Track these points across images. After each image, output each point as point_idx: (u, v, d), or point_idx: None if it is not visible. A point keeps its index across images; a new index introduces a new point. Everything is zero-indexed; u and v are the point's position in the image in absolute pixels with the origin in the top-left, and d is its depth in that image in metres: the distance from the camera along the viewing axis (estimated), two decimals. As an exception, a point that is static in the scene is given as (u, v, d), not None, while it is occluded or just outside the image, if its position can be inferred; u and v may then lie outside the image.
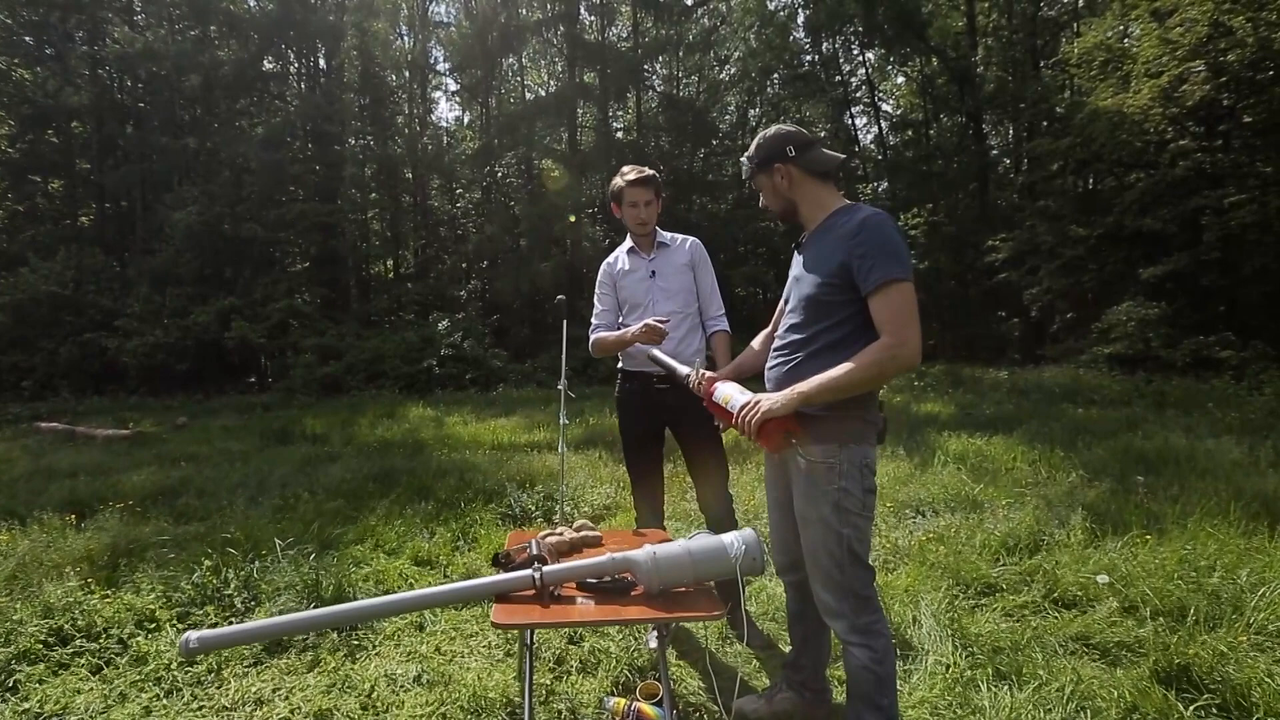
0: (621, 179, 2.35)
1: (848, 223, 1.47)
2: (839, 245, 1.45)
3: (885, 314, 1.39)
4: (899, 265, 1.39)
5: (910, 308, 1.38)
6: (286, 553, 2.73)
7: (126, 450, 6.63)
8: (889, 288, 1.38)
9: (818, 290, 1.49)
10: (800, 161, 1.56)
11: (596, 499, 3.81)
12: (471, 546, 3.17)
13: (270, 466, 4.96)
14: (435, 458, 5.21)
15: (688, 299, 2.37)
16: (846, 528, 1.46)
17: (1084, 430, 5.24)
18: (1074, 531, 2.82)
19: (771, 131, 1.61)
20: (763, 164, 1.59)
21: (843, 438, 1.47)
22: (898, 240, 1.42)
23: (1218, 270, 9.88)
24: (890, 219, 1.46)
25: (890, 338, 1.38)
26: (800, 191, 1.58)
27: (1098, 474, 3.89)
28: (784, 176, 1.57)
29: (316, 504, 3.70)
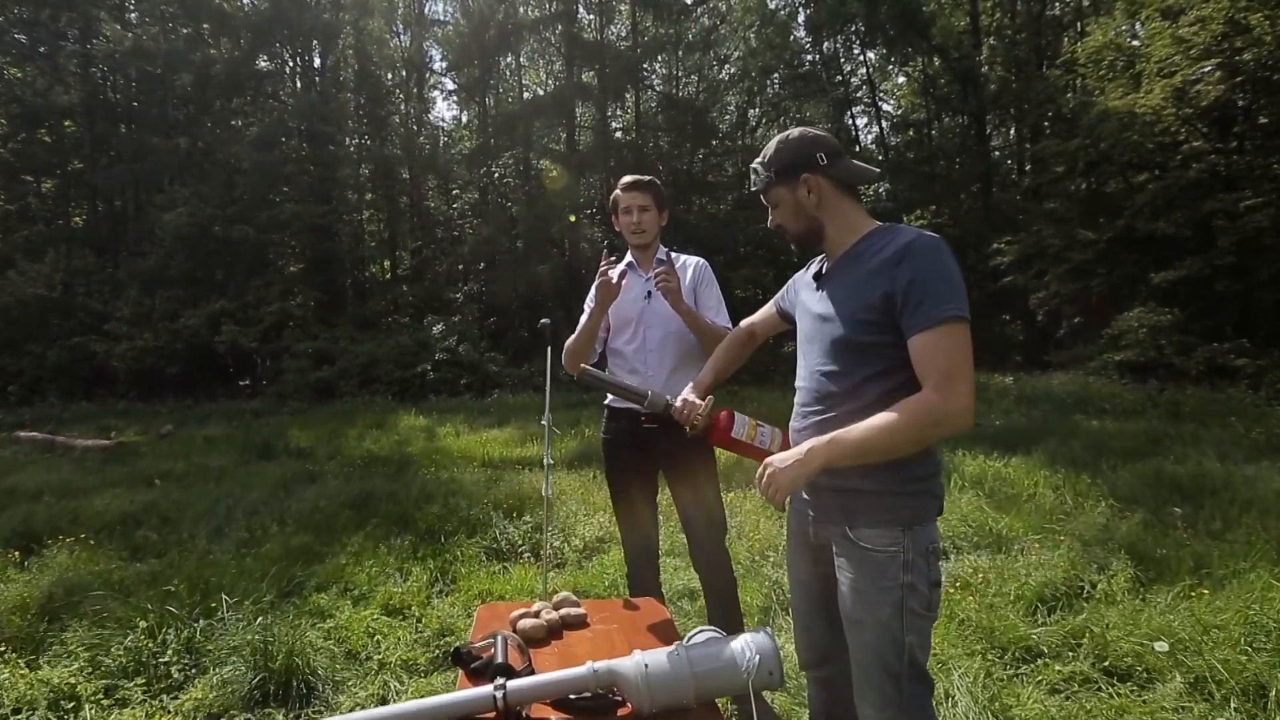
0: (618, 185, 2.11)
1: (888, 246, 1.18)
2: (879, 274, 1.17)
3: (933, 360, 1.11)
4: (954, 300, 1.11)
5: (965, 355, 1.11)
6: (241, 605, 2.44)
7: (101, 465, 6.35)
8: (941, 328, 1.10)
9: (853, 331, 1.20)
10: (832, 172, 1.27)
11: (589, 530, 3.53)
12: (450, 590, 2.89)
13: (244, 488, 4.68)
14: (420, 478, 4.92)
15: (685, 325, 2.09)
16: (911, 634, 1.17)
17: (1105, 449, 4.96)
18: (1116, 579, 2.54)
19: (796, 135, 1.31)
20: (785, 174, 1.29)
21: (907, 518, 1.18)
22: (953, 270, 1.14)
23: (1232, 275, 9.60)
24: (943, 244, 1.17)
25: (937, 392, 1.09)
26: (830, 209, 1.29)
27: (1128, 503, 3.62)
28: (812, 190, 1.27)
29: (284, 538, 3.41)
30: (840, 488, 1.25)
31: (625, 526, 2.15)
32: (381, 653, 2.29)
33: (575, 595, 2.81)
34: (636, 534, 2.12)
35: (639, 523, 2.10)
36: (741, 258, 17.46)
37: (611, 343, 2.14)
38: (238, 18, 16.81)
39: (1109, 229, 11.06)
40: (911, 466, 1.19)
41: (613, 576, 2.93)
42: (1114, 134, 10.62)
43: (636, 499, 2.10)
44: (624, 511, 2.13)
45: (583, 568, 3.15)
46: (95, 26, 16.37)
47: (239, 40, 16.92)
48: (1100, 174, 11.85)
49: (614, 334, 2.13)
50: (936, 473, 1.23)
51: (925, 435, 1.13)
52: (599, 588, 2.86)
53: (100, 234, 17.08)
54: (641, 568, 2.13)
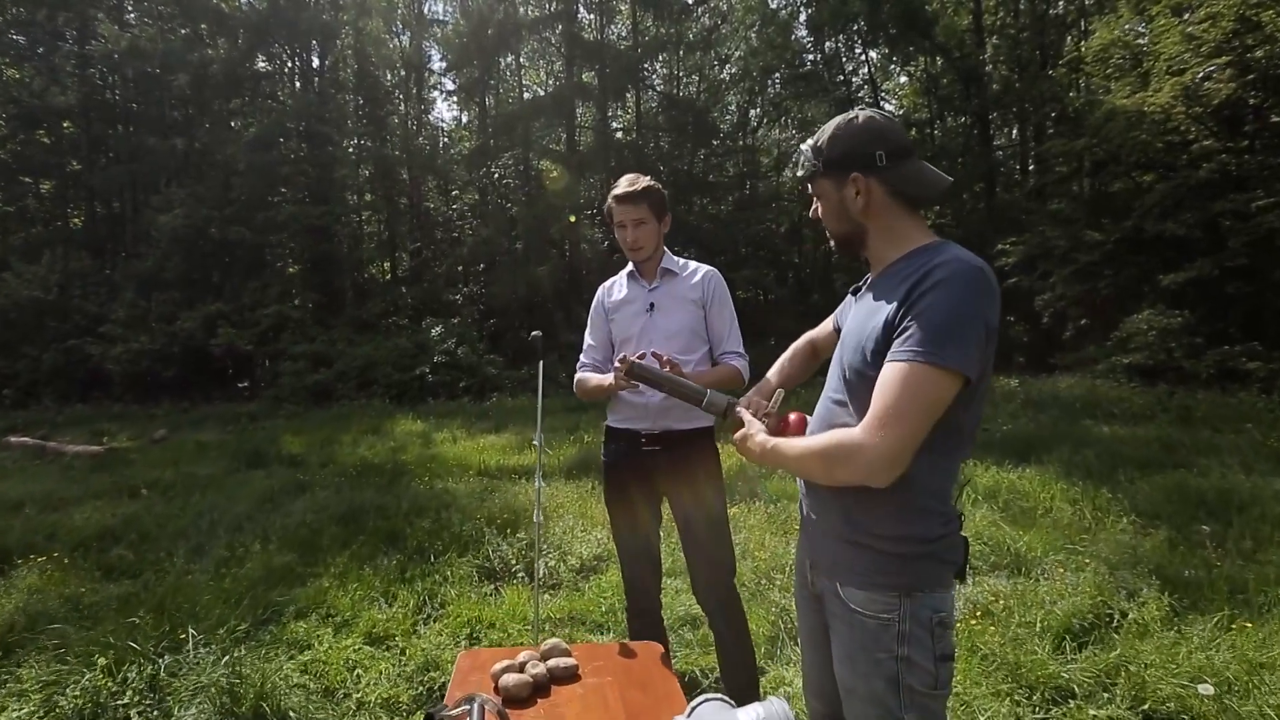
0: (611, 194, 1.93)
1: (921, 269, 1.01)
2: (897, 297, 1.01)
3: (878, 396, 0.96)
4: (940, 344, 0.93)
5: (914, 404, 0.93)
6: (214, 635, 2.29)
7: (89, 473, 6.21)
8: (906, 365, 0.94)
9: (861, 360, 1.04)
10: (890, 177, 1.08)
11: (586, 548, 3.37)
12: (438, 615, 2.73)
13: (231, 500, 4.52)
14: (412, 489, 4.77)
15: (691, 341, 1.92)
16: (911, 712, 1.01)
17: (1120, 458, 4.80)
18: (1147, 607, 2.38)
19: (861, 122, 1.08)
20: (834, 167, 1.10)
21: (905, 582, 1.02)
22: (971, 311, 0.96)
23: (1243, 277, 9.43)
24: (980, 278, 0.98)
25: (861, 430, 0.96)
26: (877, 218, 1.10)
27: (1150, 519, 3.45)
28: (860, 192, 1.09)
29: (266, 557, 3.26)
30: (828, 534, 1.11)
31: (625, 557, 1.99)
32: (361, 689, 2.13)
33: (572, 620, 2.66)
34: (636, 566, 1.96)
35: (640, 554, 1.95)
36: (742, 258, 17.33)
37: (614, 360, 1.99)
38: (235, 17, 16.67)
39: (1116, 230, 10.88)
40: (912, 523, 1.02)
41: (610, 601, 2.78)
42: (1121, 133, 10.45)
43: (638, 527, 1.93)
44: (624, 540, 1.97)
45: (579, 590, 2.99)
46: (92, 27, 16.25)
47: (236, 40, 16.79)
48: (1107, 174, 11.68)
49: (616, 351, 1.98)
50: (948, 534, 1.05)
51: (830, 472, 1.01)
52: (596, 613, 2.70)
53: (98, 235, 16.98)
54: (641, 603, 1.97)
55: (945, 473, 1.05)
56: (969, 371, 0.95)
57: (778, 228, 19.13)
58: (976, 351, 0.96)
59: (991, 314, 0.98)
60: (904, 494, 1.01)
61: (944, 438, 0.99)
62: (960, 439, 1.03)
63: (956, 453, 1.04)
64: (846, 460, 0.97)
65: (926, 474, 1.01)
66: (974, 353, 0.95)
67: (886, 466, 0.94)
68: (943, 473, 1.04)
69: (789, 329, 15.99)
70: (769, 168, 20.51)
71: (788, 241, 19.19)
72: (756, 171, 20.12)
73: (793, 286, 18.48)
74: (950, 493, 1.07)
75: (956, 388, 0.95)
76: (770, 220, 19.02)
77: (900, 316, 0.98)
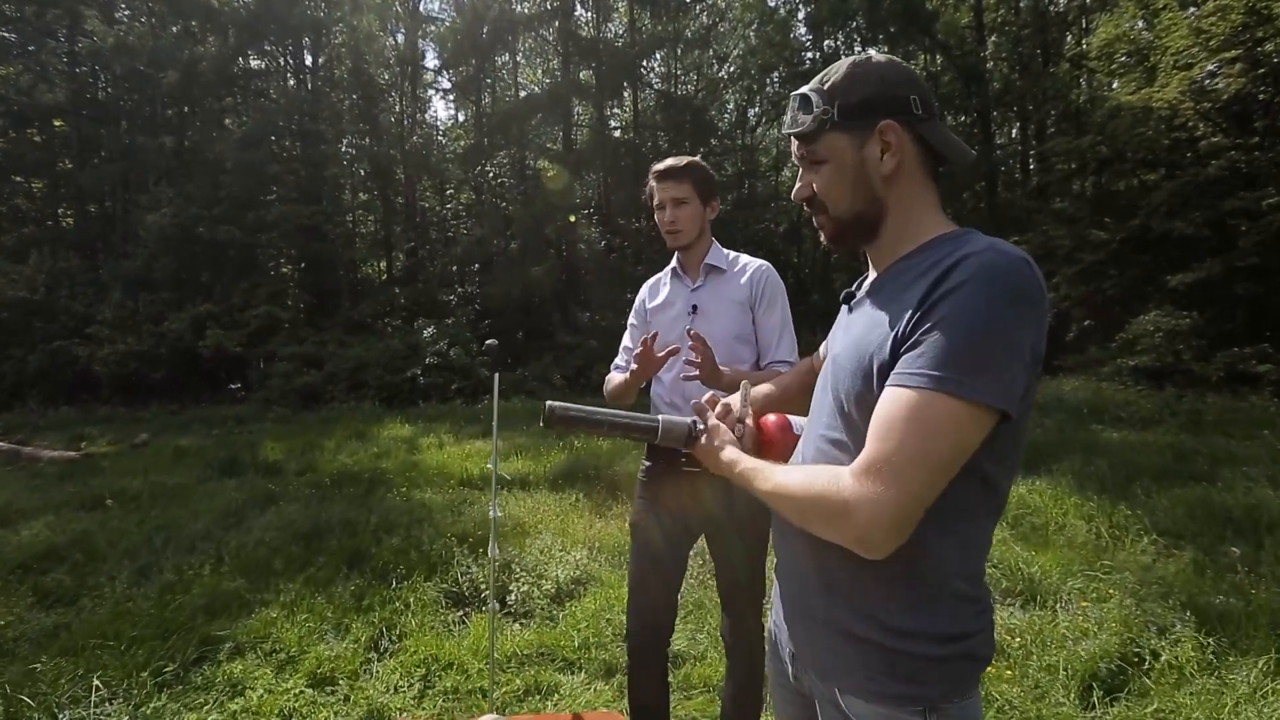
0: (650, 173, 1.70)
1: (942, 260, 0.74)
2: (910, 296, 0.75)
3: (877, 432, 0.71)
4: (963, 368, 0.68)
5: (926, 448, 0.68)
6: (136, 678, 2.03)
7: (57, 481, 5.96)
8: (915, 394, 0.69)
9: (862, 388, 0.77)
10: (928, 131, 0.81)
11: (563, 571, 3.11)
12: (395, 649, 2.48)
13: (194, 515, 4.27)
14: (387, 501, 4.52)
15: (735, 349, 1.66)
16: None
17: (1135, 468, 4.55)
18: (1182, 647, 2.13)
19: (883, 60, 0.83)
20: (855, 113, 0.81)
21: (929, 692, 0.76)
22: (1004, 320, 0.69)
23: (1254, 277, 9.18)
24: (1023, 274, 0.71)
25: (855, 478, 0.70)
26: (904, 190, 0.82)
27: (1173, 538, 3.20)
28: (894, 148, 0.80)
29: (215, 581, 3.01)
30: (820, 620, 0.83)
31: (636, 595, 1.72)
32: (294, 745, 1.88)
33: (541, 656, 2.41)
34: (649, 611, 1.69)
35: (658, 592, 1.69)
36: (741, 259, 17.09)
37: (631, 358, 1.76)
38: (225, 14, 16.42)
39: (1121, 229, 10.64)
40: (936, 613, 0.75)
41: (585, 633, 2.53)
42: (1127, 130, 10.22)
43: (661, 564, 1.68)
44: (640, 576, 1.71)
45: (552, 619, 2.73)
46: (82, 24, 16.01)
47: (227, 37, 16.55)
48: (1112, 172, 11.43)
49: None
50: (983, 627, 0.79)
51: (808, 525, 0.76)
52: (568, 648, 2.45)
53: (88, 235, 16.76)
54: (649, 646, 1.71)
55: (976, 543, 0.78)
56: (1005, 404, 0.69)
57: (776, 227, 18.90)
58: (1015, 376, 0.69)
59: (1036, 325, 0.71)
60: (925, 574, 0.75)
61: (972, 494, 0.73)
62: (993, 495, 0.77)
63: (989, 515, 0.78)
64: (830, 517, 0.72)
65: (953, 546, 0.75)
66: (1012, 378, 0.69)
67: (883, 534, 0.68)
68: (974, 543, 0.78)
69: (787, 330, 15.89)
70: (768, 167, 20.29)
71: (787, 241, 18.96)
72: (755, 171, 19.91)
73: (792, 287, 18.12)
74: (983, 568, 0.81)
75: (987, 427, 0.69)
76: (769, 220, 18.81)
77: (912, 326, 0.72)
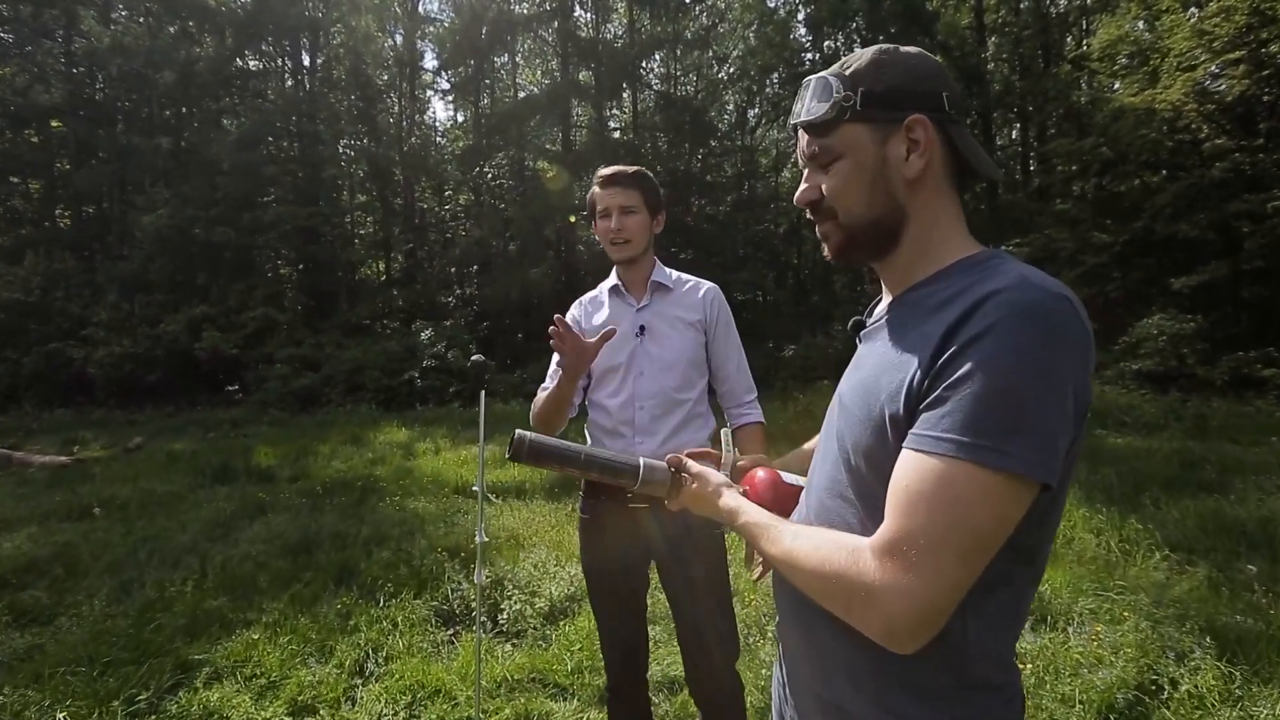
0: (594, 180, 1.57)
1: (967, 293, 0.64)
2: (926, 337, 0.65)
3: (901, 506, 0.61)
4: (998, 434, 0.57)
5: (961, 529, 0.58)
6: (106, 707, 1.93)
7: (45, 488, 5.87)
8: (943, 462, 0.59)
9: (874, 439, 0.68)
10: (957, 133, 0.72)
11: (556, 588, 3.02)
12: (381, 673, 2.38)
13: (181, 524, 4.18)
14: (379, 511, 4.42)
15: (689, 374, 1.55)
16: None
17: (1142, 477, 4.46)
18: (1202, 675, 2.03)
19: (913, 51, 0.72)
20: (882, 103, 0.70)
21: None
22: (1045, 373, 0.58)
23: (1259, 280, 9.10)
24: (1064, 316, 0.60)
25: (879, 559, 0.60)
26: (928, 198, 0.72)
27: (1186, 553, 3.11)
28: (923, 147, 0.70)
29: (197, 599, 2.91)
30: (821, 698, 0.74)
31: (607, 636, 1.64)
32: (270, 782, 1.79)
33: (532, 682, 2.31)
34: (619, 650, 1.61)
35: (623, 631, 1.61)
36: (740, 260, 17.03)
37: (593, 394, 1.61)
38: (222, 14, 16.34)
39: (1125, 231, 10.55)
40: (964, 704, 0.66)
41: (579, 656, 2.43)
42: (1130, 131, 10.13)
43: (622, 603, 1.59)
44: (604, 617, 1.62)
45: (545, 640, 2.64)
46: (79, 24, 15.93)
47: (224, 37, 16.47)
48: (1115, 174, 11.34)
49: (595, 384, 1.60)
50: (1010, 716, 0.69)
51: (829, 602, 0.65)
52: (560, 673, 2.35)
53: (85, 236, 16.68)
54: (624, 688, 1.63)
55: (1010, 622, 0.68)
56: (1046, 476, 0.58)
57: (776, 228, 18.82)
58: (1057, 438, 0.59)
59: (1079, 373, 0.60)
60: (948, 659, 0.65)
61: (1004, 567, 0.63)
62: (1029, 566, 0.67)
63: (1026, 587, 0.68)
64: (851, 602, 0.62)
65: (983, 629, 0.65)
66: (1052, 442, 0.59)
67: (913, 628, 0.59)
68: (1006, 622, 0.68)
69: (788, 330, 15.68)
70: (767, 168, 20.21)
71: (786, 242, 18.88)
72: (755, 172, 19.83)
73: (792, 288, 18.19)
74: (1014, 649, 0.72)
75: (1028, 500, 0.59)
76: (769, 221, 18.73)
77: (932, 377, 0.62)
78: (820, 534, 0.69)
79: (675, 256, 15.11)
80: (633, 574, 1.58)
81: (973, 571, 0.59)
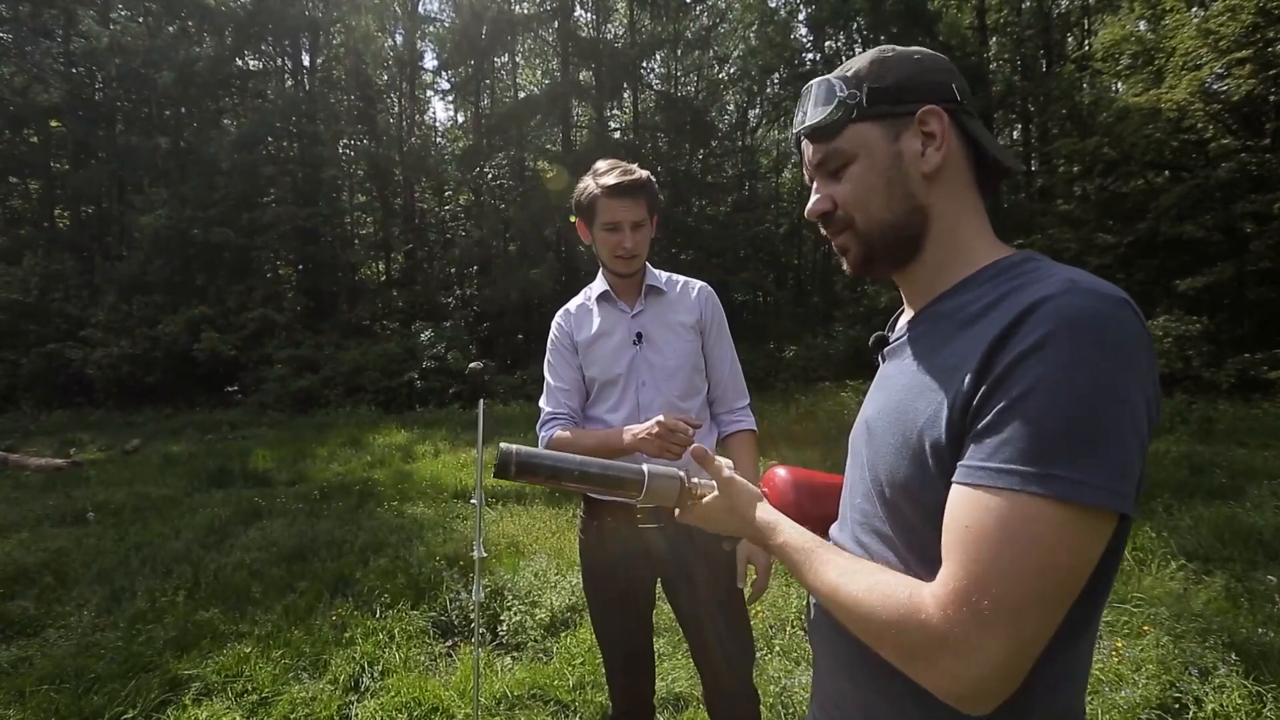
0: (595, 181, 1.42)
1: (1002, 305, 0.58)
2: (965, 355, 0.58)
3: (962, 552, 0.53)
4: (1067, 461, 0.50)
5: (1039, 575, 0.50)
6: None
7: (40, 492, 5.79)
8: (1005, 498, 0.51)
9: (912, 472, 0.61)
10: (973, 124, 0.67)
11: (557, 598, 2.95)
12: (375, 689, 2.31)
13: (176, 529, 4.11)
14: (377, 516, 4.35)
15: (693, 380, 1.48)
16: None
17: (1152, 481, 4.38)
18: (1228, 694, 1.96)
19: (915, 48, 0.68)
20: (890, 98, 0.66)
21: None
22: (1112, 387, 0.51)
23: (1266, 282, 9.03)
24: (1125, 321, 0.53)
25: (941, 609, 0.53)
26: (950, 196, 0.66)
27: (1203, 562, 3.03)
28: (938, 139, 0.65)
29: (189, 610, 2.84)
30: None
31: (611, 657, 1.56)
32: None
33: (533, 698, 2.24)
34: (623, 675, 1.54)
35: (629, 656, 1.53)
36: (741, 261, 16.97)
37: (591, 409, 1.52)
38: (221, 13, 16.27)
39: (1129, 232, 10.48)
40: None
41: (580, 671, 2.36)
42: (1134, 131, 10.06)
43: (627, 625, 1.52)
44: (609, 638, 1.55)
45: (545, 653, 2.57)
46: (78, 24, 15.87)
47: (224, 37, 16.41)
48: (1119, 174, 11.27)
49: (594, 398, 1.51)
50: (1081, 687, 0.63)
51: (885, 650, 0.58)
52: (561, 688, 2.28)
53: (84, 237, 16.62)
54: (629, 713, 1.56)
55: (1079, 670, 0.61)
56: (1124, 505, 0.51)
57: (777, 229, 18.77)
58: (1135, 464, 0.52)
59: (1151, 387, 0.54)
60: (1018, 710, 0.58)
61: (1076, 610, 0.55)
62: (1097, 606, 0.60)
63: (1092, 628, 0.61)
64: (914, 655, 0.55)
65: (1050, 682, 0.58)
66: (1131, 468, 0.52)
67: (990, 689, 0.51)
68: (1077, 670, 0.61)
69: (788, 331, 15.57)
70: (768, 168, 20.17)
71: (787, 243, 18.83)
72: (755, 172, 19.79)
73: (792, 288, 18.14)
74: (1083, 692, 0.64)
75: (1106, 534, 0.52)
76: (769, 221, 18.68)
77: (980, 399, 0.54)
78: (873, 571, 0.61)
79: (675, 257, 15.06)
80: (638, 596, 1.51)
81: (1053, 621, 0.52)
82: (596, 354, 1.49)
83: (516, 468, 0.80)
